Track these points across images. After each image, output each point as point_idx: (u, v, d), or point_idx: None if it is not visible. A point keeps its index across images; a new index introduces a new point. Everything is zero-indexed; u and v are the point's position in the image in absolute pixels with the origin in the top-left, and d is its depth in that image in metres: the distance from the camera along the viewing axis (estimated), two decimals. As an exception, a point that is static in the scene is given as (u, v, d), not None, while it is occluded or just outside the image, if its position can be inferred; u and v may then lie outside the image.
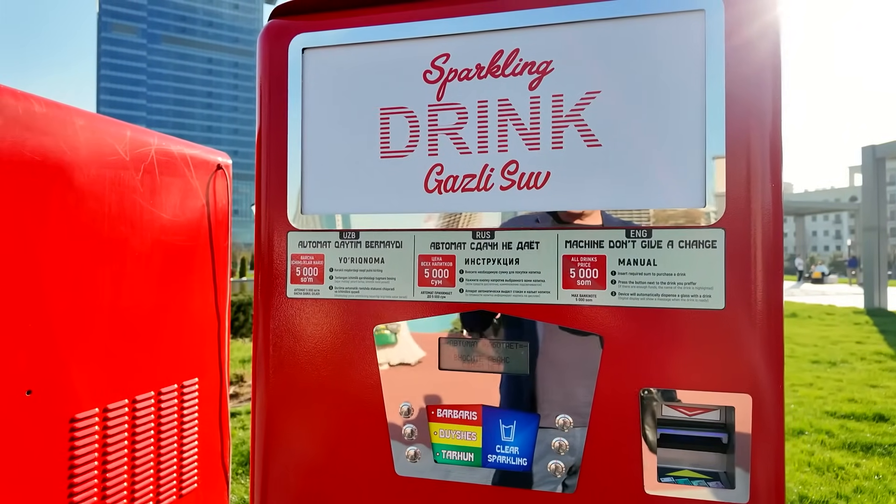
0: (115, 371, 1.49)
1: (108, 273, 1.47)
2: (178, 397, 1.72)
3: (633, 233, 0.95)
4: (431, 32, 1.04)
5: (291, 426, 1.10)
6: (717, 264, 0.92)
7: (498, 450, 1.01)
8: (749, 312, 0.90)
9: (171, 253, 1.71)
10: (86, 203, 1.41)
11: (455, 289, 1.03)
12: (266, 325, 1.11)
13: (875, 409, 4.69)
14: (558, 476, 0.98)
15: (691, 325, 0.92)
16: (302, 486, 1.09)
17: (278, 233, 1.11)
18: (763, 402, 0.90)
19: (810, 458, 3.65)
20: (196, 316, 1.83)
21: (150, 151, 1.65)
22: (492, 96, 1.01)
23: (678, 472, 0.95)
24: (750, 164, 0.91)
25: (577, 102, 0.97)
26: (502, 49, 1.01)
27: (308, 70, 1.10)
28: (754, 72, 0.91)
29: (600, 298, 0.96)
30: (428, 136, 1.04)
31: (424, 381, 1.04)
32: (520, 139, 1.00)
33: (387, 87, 1.07)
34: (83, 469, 1.37)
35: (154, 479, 1.60)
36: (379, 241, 1.07)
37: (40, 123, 1.29)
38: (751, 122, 0.91)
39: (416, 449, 1.04)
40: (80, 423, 1.37)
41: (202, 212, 1.86)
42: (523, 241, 1.00)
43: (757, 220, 0.90)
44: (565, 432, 0.98)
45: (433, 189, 1.04)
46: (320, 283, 1.09)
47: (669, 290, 0.93)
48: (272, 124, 1.11)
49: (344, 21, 1.09)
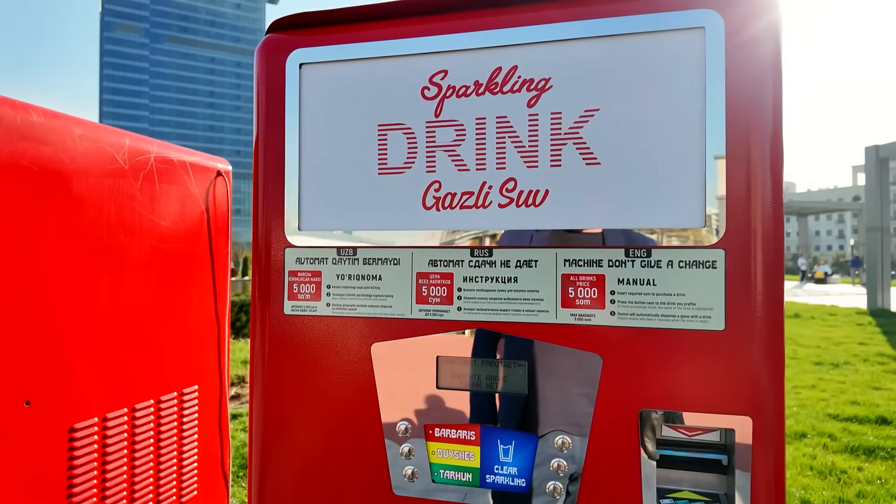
0: (115, 380, 1.49)
1: (106, 281, 1.47)
2: (177, 405, 1.72)
3: (632, 252, 0.94)
4: (429, 49, 1.03)
5: (288, 444, 1.09)
6: (717, 285, 0.91)
7: (496, 470, 1.00)
8: (749, 334, 0.89)
9: (171, 260, 1.71)
10: (84, 212, 1.41)
11: (453, 307, 1.02)
12: (263, 342, 1.11)
13: (878, 412, 4.67)
14: (557, 497, 0.97)
15: (691, 347, 0.91)
16: (298, 502, 1.09)
17: (275, 249, 1.11)
18: (763, 425, 0.89)
19: (812, 462, 3.64)
20: (196, 323, 1.83)
21: (150, 159, 1.65)
22: (490, 113, 1.00)
23: (678, 493, 0.94)
24: (750, 184, 0.90)
25: (575, 120, 0.96)
26: (500, 66, 1.00)
27: (306, 85, 1.09)
28: (754, 91, 0.90)
29: (599, 318, 0.95)
30: (426, 152, 1.04)
31: (422, 400, 1.04)
32: (518, 157, 0.99)
33: (385, 104, 1.06)
34: (82, 479, 1.37)
35: (154, 487, 1.60)
36: (377, 258, 1.06)
37: (38, 133, 1.29)
38: (751, 141, 0.90)
39: (414, 468, 1.03)
40: (80, 433, 1.37)
41: (202, 218, 1.86)
42: (522, 260, 0.99)
43: (757, 240, 0.89)
44: (564, 453, 0.97)
45: (431, 206, 1.03)
46: (318, 299, 1.08)
47: (669, 310, 0.92)
48: (269, 139, 1.11)
49: (342, 37, 1.08)
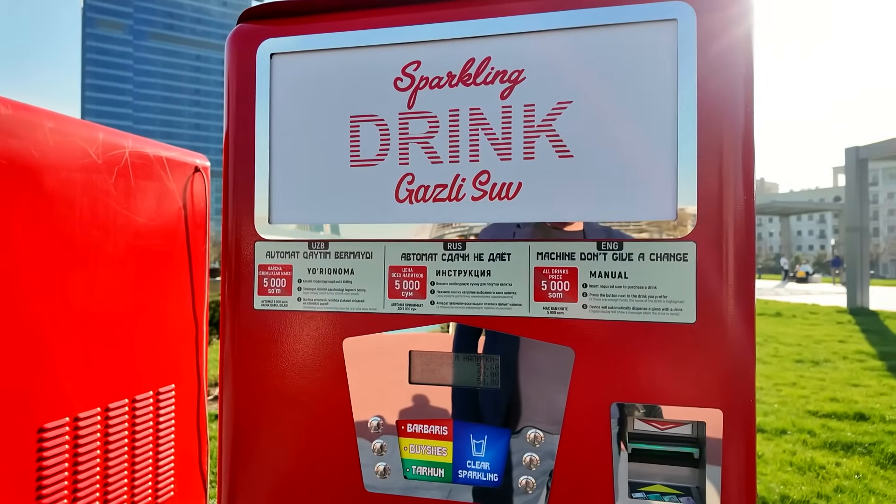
0: (87, 379, 1.46)
1: (79, 279, 1.44)
2: (153, 404, 1.69)
3: (604, 245, 0.94)
4: (402, 39, 1.02)
5: (259, 441, 1.07)
6: (688, 277, 0.91)
7: (469, 465, 0.99)
8: (720, 327, 0.89)
9: (147, 257, 1.68)
10: (56, 208, 1.38)
11: (426, 301, 1.01)
12: (233, 338, 1.09)
13: (856, 408, 4.74)
14: (529, 492, 0.96)
15: (662, 339, 0.91)
16: (270, 502, 1.07)
17: (245, 242, 1.09)
18: (734, 418, 0.89)
19: (792, 458, 3.68)
20: (173, 321, 1.80)
21: (125, 154, 1.62)
22: (463, 105, 0.99)
23: (650, 487, 0.94)
24: (721, 177, 0.90)
25: (548, 112, 0.96)
26: (474, 57, 0.99)
27: (276, 76, 1.07)
28: (726, 83, 0.90)
29: (572, 311, 0.95)
30: (399, 144, 1.02)
31: (394, 396, 1.02)
32: (491, 149, 0.98)
33: (357, 95, 1.04)
34: (53, 479, 1.34)
35: (128, 488, 1.57)
36: (349, 252, 1.05)
37: (7, 125, 1.26)
38: (722, 134, 0.90)
39: (386, 464, 1.02)
40: (50, 433, 1.34)
41: (179, 215, 1.83)
42: (495, 253, 0.98)
43: (728, 232, 0.89)
44: (536, 447, 0.96)
45: (404, 199, 1.02)
46: (288, 294, 1.07)
47: (640, 303, 0.92)
48: (239, 131, 1.09)
49: (313, 26, 1.06)
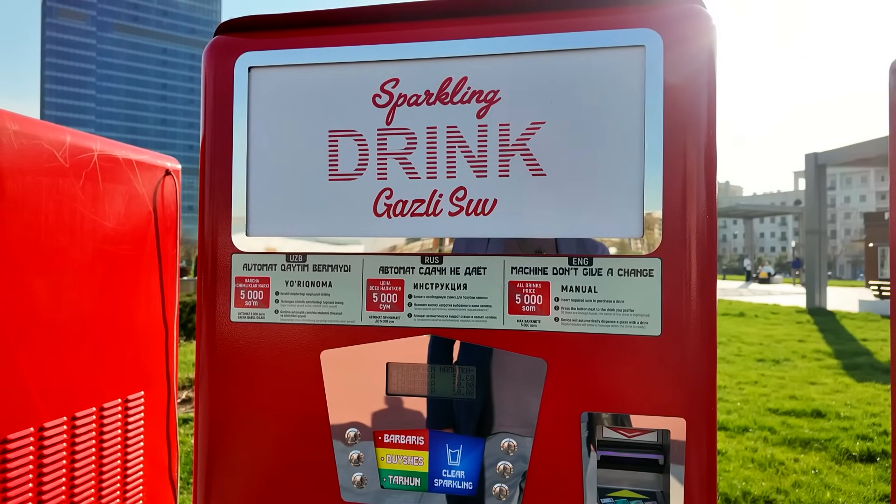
0: (53, 388, 1.43)
1: (44, 285, 1.41)
2: (121, 412, 1.66)
3: (575, 260, 0.98)
4: (381, 57, 1.04)
5: (235, 451, 1.08)
6: (653, 292, 0.95)
7: (444, 474, 1.01)
8: (683, 339, 0.94)
9: (115, 262, 1.65)
10: (19, 212, 1.35)
11: (404, 313, 1.03)
12: (209, 350, 1.09)
13: (814, 406, 4.94)
14: (503, 499, 0.99)
15: (630, 351, 0.95)
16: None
17: (222, 255, 1.09)
18: (696, 425, 0.93)
19: (753, 455, 3.82)
20: (142, 326, 1.78)
21: (93, 157, 1.59)
22: (441, 123, 1.02)
23: (618, 492, 0.98)
24: (686, 196, 0.94)
25: (522, 132, 0.99)
26: (451, 77, 1.01)
27: (255, 89, 1.08)
28: (690, 107, 0.94)
29: (544, 324, 0.98)
30: (377, 160, 1.04)
31: (371, 406, 1.04)
32: (468, 166, 1.01)
33: (336, 110, 1.06)
34: (15, 492, 1.31)
35: (95, 497, 1.55)
36: (327, 265, 1.06)
37: (-33, 130, 1.23)
38: (687, 155, 0.95)
39: (363, 474, 1.04)
40: (13, 444, 1.31)
41: (149, 219, 1.81)
42: (471, 267, 1.01)
43: (692, 250, 0.94)
44: (510, 455, 0.99)
45: (382, 213, 1.04)
46: (265, 306, 1.07)
47: (609, 316, 0.96)
48: (217, 143, 1.09)
49: (293, 41, 1.07)
